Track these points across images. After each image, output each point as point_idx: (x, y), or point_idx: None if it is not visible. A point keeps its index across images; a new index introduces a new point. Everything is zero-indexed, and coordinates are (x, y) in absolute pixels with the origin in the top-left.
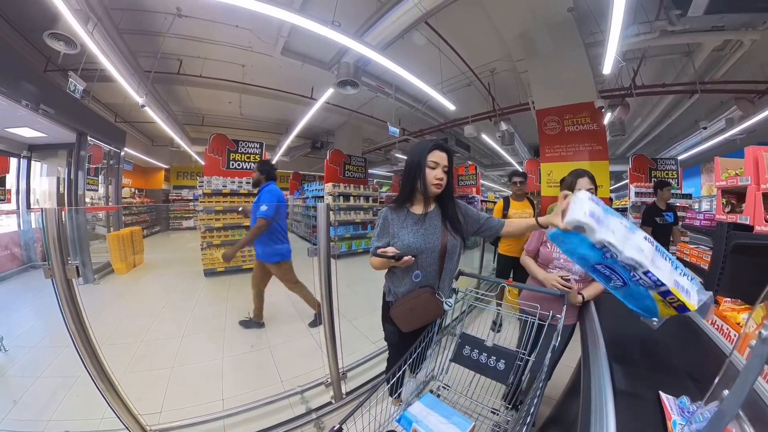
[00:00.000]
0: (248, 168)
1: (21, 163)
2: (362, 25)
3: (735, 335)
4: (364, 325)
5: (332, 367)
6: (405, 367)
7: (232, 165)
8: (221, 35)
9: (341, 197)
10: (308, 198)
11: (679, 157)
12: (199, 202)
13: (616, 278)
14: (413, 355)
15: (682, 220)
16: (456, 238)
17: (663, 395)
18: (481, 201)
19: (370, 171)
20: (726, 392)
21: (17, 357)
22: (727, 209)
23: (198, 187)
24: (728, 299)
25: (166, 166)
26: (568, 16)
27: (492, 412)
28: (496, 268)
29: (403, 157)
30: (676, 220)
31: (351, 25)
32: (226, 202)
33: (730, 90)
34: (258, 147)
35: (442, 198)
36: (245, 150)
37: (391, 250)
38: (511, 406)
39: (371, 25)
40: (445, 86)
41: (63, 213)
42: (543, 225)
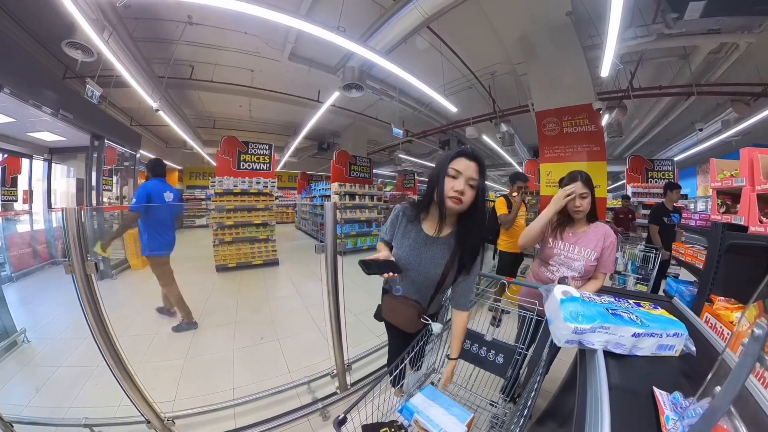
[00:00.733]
0: (258, 168)
1: (38, 166)
2: (366, 30)
3: (728, 333)
4: (368, 319)
5: (338, 358)
6: (407, 360)
7: (243, 166)
8: (231, 42)
9: (347, 196)
10: (315, 197)
11: (676, 158)
12: (211, 201)
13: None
14: (411, 353)
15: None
16: (459, 273)
17: (656, 390)
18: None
19: (374, 171)
20: (718, 389)
21: (40, 348)
22: (722, 210)
23: (210, 186)
24: (722, 298)
25: (180, 167)
26: (567, 20)
27: (490, 404)
28: (497, 264)
29: (407, 157)
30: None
31: (355, 31)
32: (237, 201)
33: (726, 92)
34: (267, 148)
35: (466, 222)
36: (255, 151)
37: (382, 256)
38: (509, 398)
39: (375, 30)
40: (447, 89)
41: (82, 212)
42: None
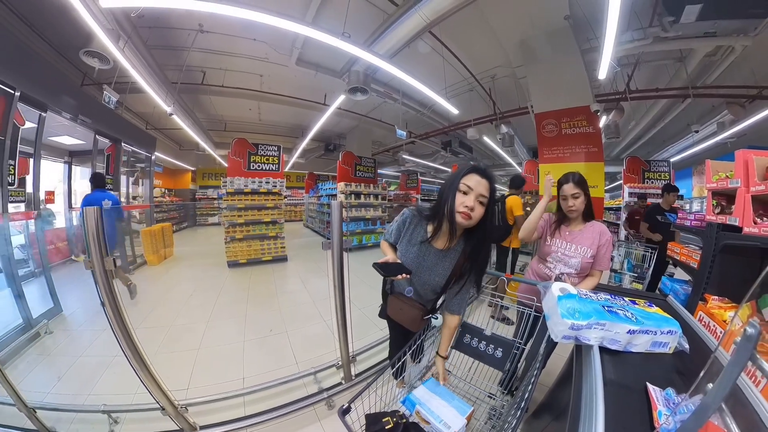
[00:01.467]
0: (267, 169)
1: (58, 168)
2: (370, 36)
3: (721, 332)
4: (372, 313)
5: (343, 350)
6: (408, 353)
7: (253, 166)
8: (240, 48)
9: (353, 195)
10: (322, 196)
11: (672, 159)
12: (223, 201)
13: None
14: (412, 347)
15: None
16: (459, 282)
17: (650, 386)
18: None
19: (379, 171)
20: (710, 386)
21: (61, 339)
22: (717, 210)
23: (222, 186)
24: (716, 297)
25: (193, 168)
26: (565, 23)
27: (489, 396)
28: (496, 261)
29: (410, 158)
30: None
31: (360, 36)
32: (248, 200)
33: (722, 94)
34: (276, 150)
35: (473, 237)
36: (264, 152)
37: (391, 258)
38: (506, 391)
39: (379, 36)
40: (449, 91)
41: (101, 212)
42: None
